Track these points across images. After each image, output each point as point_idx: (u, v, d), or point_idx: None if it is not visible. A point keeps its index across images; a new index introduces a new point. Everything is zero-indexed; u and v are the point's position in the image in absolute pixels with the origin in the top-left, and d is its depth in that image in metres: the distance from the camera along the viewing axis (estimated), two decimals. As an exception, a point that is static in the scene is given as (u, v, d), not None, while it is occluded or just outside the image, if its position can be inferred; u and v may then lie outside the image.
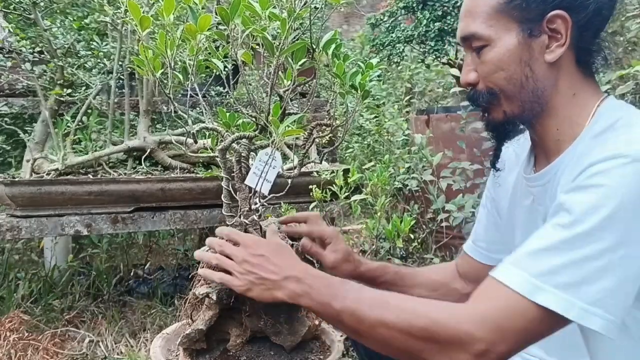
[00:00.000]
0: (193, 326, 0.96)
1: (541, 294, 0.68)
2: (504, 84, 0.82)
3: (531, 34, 0.80)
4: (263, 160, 1.00)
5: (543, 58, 0.81)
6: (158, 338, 1.11)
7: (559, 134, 0.84)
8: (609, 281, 0.67)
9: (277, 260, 0.86)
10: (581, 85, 0.83)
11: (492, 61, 0.82)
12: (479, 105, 0.87)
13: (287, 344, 1.00)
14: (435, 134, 2.66)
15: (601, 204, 0.68)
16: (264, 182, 1.01)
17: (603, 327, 0.67)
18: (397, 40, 2.99)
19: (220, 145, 0.95)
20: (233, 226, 1.00)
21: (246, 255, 0.87)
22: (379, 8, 3.91)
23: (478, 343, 0.69)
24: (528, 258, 0.72)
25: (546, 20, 0.79)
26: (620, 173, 0.68)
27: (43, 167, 2.17)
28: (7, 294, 2.39)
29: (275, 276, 0.84)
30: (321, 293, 0.81)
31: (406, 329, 0.73)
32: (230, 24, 0.82)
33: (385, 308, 0.76)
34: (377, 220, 2.08)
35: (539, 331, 0.70)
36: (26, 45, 2.24)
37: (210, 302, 0.96)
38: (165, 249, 3.35)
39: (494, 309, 0.71)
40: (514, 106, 0.84)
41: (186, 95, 0.94)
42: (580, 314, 0.67)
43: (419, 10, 2.88)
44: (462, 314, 0.72)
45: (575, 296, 0.67)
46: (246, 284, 0.86)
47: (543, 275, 0.69)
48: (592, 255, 0.67)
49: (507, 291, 0.70)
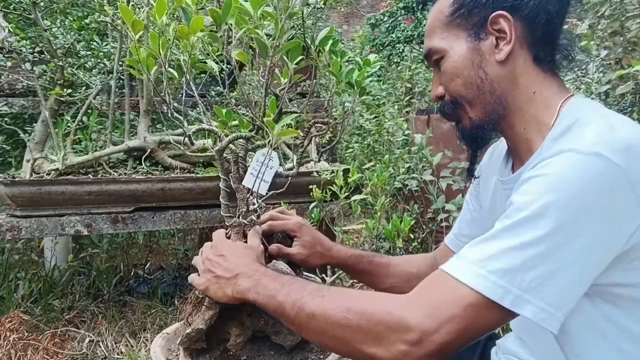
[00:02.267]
0: (193, 326, 0.96)
1: (478, 279, 0.67)
2: (462, 89, 0.85)
3: (478, 37, 0.83)
4: (260, 161, 1.00)
5: (493, 58, 0.83)
6: (158, 338, 1.11)
7: (527, 133, 0.84)
8: (544, 269, 0.66)
9: (234, 259, 0.89)
10: (541, 83, 0.83)
11: (448, 70, 0.85)
12: (447, 116, 0.90)
13: (287, 343, 1.00)
14: (435, 134, 2.66)
15: (541, 192, 0.68)
16: (261, 183, 1.01)
17: (536, 316, 0.65)
18: (397, 40, 3.00)
19: (217, 146, 0.95)
20: (232, 227, 1.00)
21: (209, 255, 0.92)
22: (379, 8, 3.91)
23: (413, 331, 0.67)
24: (471, 248, 0.72)
25: (489, 23, 0.82)
26: (562, 164, 0.69)
27: (43, 167, 2.17)
28: (7, 294, 2.39)
29: (228, 274, 0.88)
30: (267, 287, 0.82)
31: (343, 317, 0.72)
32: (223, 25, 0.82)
33: (325, 297, 0.75)
34: (377, 220, 2.08)
35: (479, 321, 0.68)
36: (26, 45, 2.25)
37: (210, 302, 0.96)
38: (165, 249, 3.36)
39: (431, 296, 0.70)
40: (477, 111, 0.85)
41: (185, 95, 0.94)
42: (514, 301, 0.66)
43: (418, 10, 2.88)
44: (400, 302, 0.71)
45: (511, 283, 0.66)
46: (204, 283, 0.91)
47: (482, 261, 0.68)
48: (529, 242, 0.66)
49: (446, 278, 0.70)
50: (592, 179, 0.67)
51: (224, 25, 0.82)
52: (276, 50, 0.84)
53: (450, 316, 0.67)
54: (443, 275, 0.71)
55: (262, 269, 0.87)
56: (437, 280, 0.72)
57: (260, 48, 0.85)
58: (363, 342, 0.71)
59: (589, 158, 0.67)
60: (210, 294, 0.90)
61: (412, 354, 0.68)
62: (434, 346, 0.67)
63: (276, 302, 0.80)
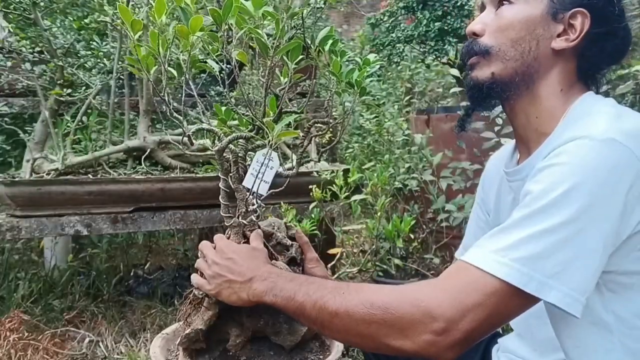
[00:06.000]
0: (193, 326, 0.96)
1: (501, 267, 0.68)
2: (508, 43, 0.83)
3: (555, 15, 0.82)
4: (260, 161, 1.00)
5: (550, 43, 0.83)
6: (158, 338, 1.10)
7: (538, 123, 0.84)
8: (566, 254, 0.67)
9: (244, 262, 0.88)
10: (571, 86, 0.85)
11: (509, 17, 0.83)
12: (470, 53, 0.87)
13: (287, 343, 1.00)
14: (435, 134, 2.65)
15: (559, 180, 0.68)
16: (261, 183, 1.01)
17: (561, 301, 0.66)
18: (397, 40, 2.99)
19: (217, 147, 0.94)
20: (231, 227, 1.00)
21: (216, 258, 0.90)
22: (379, 8, 3.91)
23: (437, 321, 0.68)
24: (491, 237, 0.72)
25: (571, 12, 0.82)
26: (576, 151, 0.69)
27: (43, 167, 2.17)
28: (7, 294, 2.39)
29: (241, 278, 0.86)
30: (284, 288, 0.81)
31: (367, 313, 0.72)
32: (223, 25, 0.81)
33: (347, 294, 0.75)
34: (377, 220, 2.08)
35: (502, 308, 0.69)
36: (26, 45, 2.25)
37: (209, 303, 0.96)
38: (165, 249, 3.35)
39: (455, 285, 0.70)
40: (504, 69, 0.84)
41: (185, 95, 0.93)
42: (538, 287, 0.66)
43: (419, 10, 2.88)
44: (423, 293, 0.72)
45: (534, 269, 0.67)
46: (215, 287, 0.89)
47: (503, 250, 0.69)
48: (549, 229, 0.67)
49: (468, 267, 0.71)
50: (608, 164, 0.68)
51: (224, 25, 0.81)
52: (277, 51, 0.84)
53: (474, 304, 0.68)
54: (465, 265, 0.72)
55: (276, 271, 0.87)
56: (459, 271, 0.73)
57: (260, 48, 0.85)
58: (389, 335, 0.71)
59: (603, 144, 0.68)
60: (222, 298, 0.88)
61: (439, 343, 0.69)
62: (459, 334, 0.68)
63: (296, 303, 0.79)
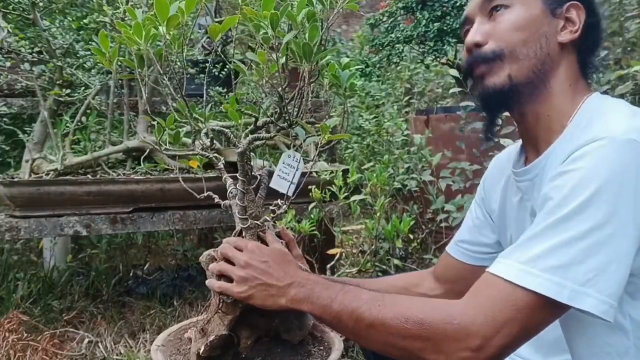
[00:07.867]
0: (215, 333, 0.92)
1: (531, 279, 0.67)
2: (521, 44, 0.83)
3: (553, 12, 0.84)
4: (287, 163, 0.99)
5: (556, 38, 0.84)
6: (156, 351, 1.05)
7: (550, 121, 0.85)
8: (598, 260, 0.66)
9: (281, 267, 0.87)
10: (577, 80, 0.86)
11: (512, 20, 0.84)
12: (477, 65, 0.86)
13: (297, 339, 0.99)
14: (434, 134, 2.66)
15: (582, 185, 0.68)
16: (290, 185, 1.00)
17: (595, 308, 0.66)
18: (396, 40, 2.99)
19: (239, 148, 0.93)
20: (247, 229, 0.97)
21: (251, 260, 0.87)
22: (378, 8, 3.91)
23: (473, 337, 0.68)
24: (517, 249, 0.72)
25: (566, 7, 0.84)
26: (598, 154, 0.69)
27: (42, 167, 2.17)
28: (6, 295, 2.39)
29: (279, 282, 0.85)
30: (321, 296, 0.82)
31: (402, 327, 0.73)
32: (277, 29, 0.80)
33: (382, 307, 0.76)
34: (376, 221, 2.08)
35: (534, 320, 0.69)
36: (25, 45, 2.24)
37: (228, 307, 0.93)
38: (164, 250, 3.35)
39: (486, 301, 0.70)
40: (521, 70, 0.83)
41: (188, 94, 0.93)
42: (571, 295, 0.66)
43: (418, 11, 2.88)
44: (456, 309, 0.72)
45: (565, 278, 0.66)
46: (247, 290, 0.86)
47: (532, 261, 0.68)
48: (577, 236, 0.67)
49: (498, 281, 0.70)
50: (631, 166, 0.68)
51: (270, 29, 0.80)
52: (315, 57, 0.83)
53: (507, 320, 0.68)
54: (493, 278, 0.71)
55: (313, 277, 0.86)
56: (489, 284, 0.72)
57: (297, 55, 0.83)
58: (424, 350, 0.72)
59: (624, 145, 0.68)
60: (255, 301, 0.86)
61: (474, 359, 0.69)
62: (494, 350, 0.69)
63: (333, 312, 0.80)
